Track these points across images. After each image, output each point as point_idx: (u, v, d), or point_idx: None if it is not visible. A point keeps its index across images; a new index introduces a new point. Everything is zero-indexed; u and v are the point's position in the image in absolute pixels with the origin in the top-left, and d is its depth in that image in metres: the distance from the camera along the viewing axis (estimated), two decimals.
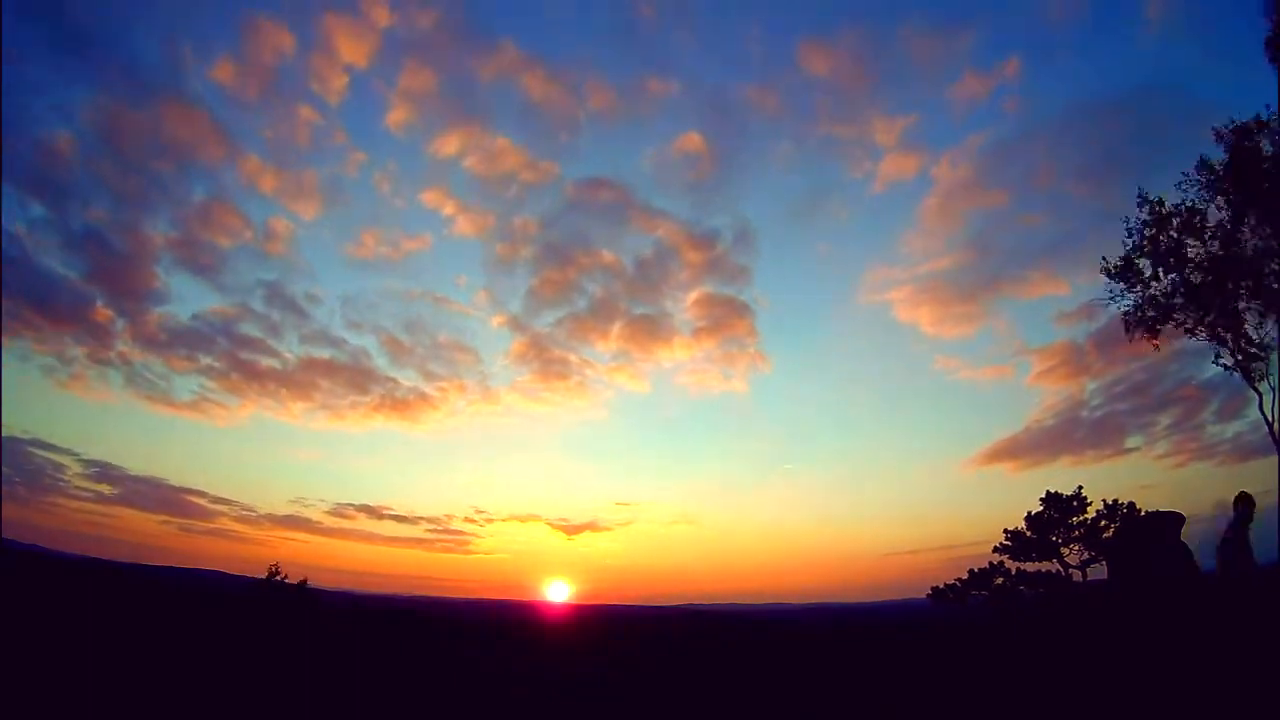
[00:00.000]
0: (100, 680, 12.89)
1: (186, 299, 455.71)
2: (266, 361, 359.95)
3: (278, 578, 28.21)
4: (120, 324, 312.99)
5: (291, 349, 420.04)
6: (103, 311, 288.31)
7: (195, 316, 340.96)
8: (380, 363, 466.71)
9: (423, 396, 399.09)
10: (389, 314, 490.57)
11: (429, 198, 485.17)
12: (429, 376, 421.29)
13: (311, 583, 30.64)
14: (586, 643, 34.68)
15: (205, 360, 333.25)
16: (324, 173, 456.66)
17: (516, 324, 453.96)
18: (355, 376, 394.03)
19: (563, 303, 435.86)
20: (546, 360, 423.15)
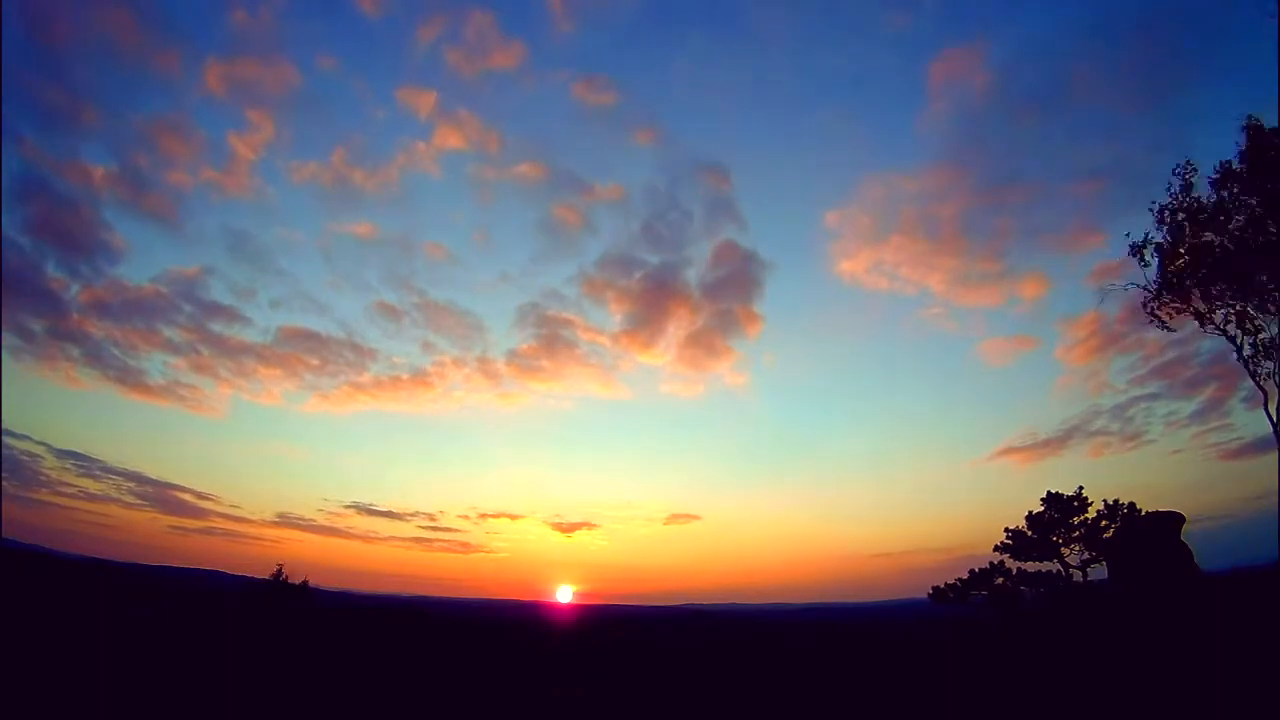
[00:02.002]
0: (113, 679, 12.88)
1: (142, 254, 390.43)
2: (240, 334, 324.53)
3: (281, 579, 28.29)
4: (74, 289, 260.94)
5: (267, 317, 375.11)
6: (55, 279, 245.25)
7: (156, 278, 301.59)
8: (369, 333, 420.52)
9: (418, 376, 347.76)
10: (374, 265, 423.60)
11: (409, 98, 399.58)
12: (426, 347, 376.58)
13: (299, 581, 30.33)
14: (585, 643, 34.63)
15: (168, 333, 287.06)
16: (288, 67, 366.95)
17: (515, 279, 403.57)
18: (341, 350, 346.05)
19: (569, 251, 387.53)
20: (551, 324, 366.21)
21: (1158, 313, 23.73)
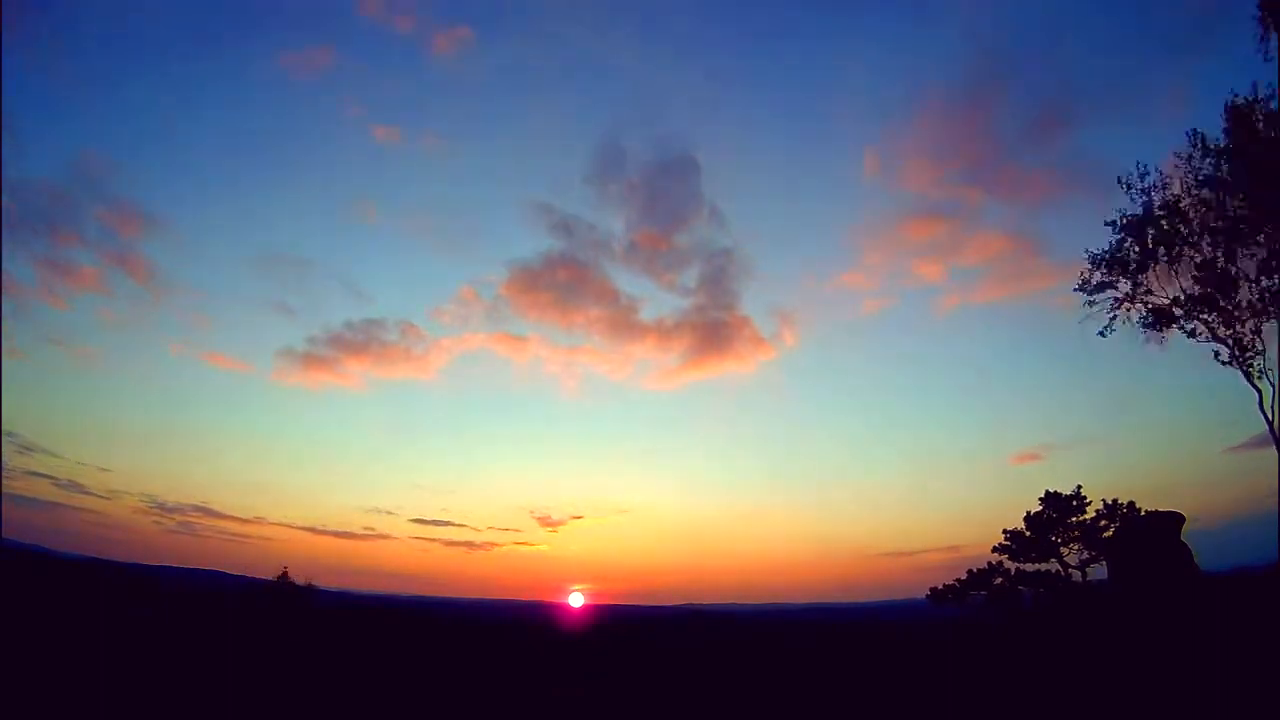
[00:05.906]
0: (114, 680, 12.87)
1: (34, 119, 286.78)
2: (175, 269, 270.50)
3: (285, 580, 28.36)
4: None
5: (208, 249, 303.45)
6: None
7: (69, 164, 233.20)
8: (347, 264, 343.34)
9: (405, 337, 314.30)
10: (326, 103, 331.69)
11: None
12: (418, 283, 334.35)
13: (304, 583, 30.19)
14: (585, 643, 34.61)
15: (88, 264, 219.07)
16: None
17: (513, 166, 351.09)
18: (328, 285, 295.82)
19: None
20: (560, 225, 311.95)
21: (1150, 329, 23.22)
